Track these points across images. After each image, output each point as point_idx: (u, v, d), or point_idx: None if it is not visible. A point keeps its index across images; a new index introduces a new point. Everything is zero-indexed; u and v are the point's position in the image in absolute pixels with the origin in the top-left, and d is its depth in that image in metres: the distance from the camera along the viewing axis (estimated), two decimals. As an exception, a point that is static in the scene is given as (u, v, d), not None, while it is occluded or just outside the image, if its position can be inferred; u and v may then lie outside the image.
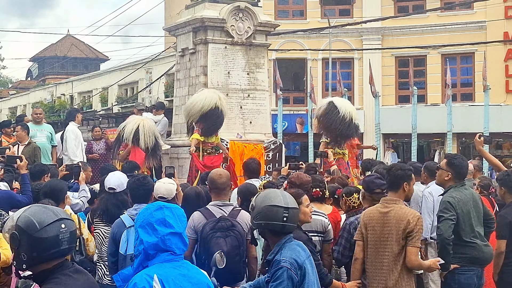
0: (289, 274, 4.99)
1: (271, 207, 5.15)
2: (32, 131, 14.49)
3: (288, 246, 5.15)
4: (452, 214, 7.62)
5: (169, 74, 32.71)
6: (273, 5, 34.14)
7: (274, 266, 5.11)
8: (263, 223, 5.18)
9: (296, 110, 34.20)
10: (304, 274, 5.06)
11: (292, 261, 5.04)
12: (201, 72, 15.68)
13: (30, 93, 58.67)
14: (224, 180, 7.42)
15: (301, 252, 5.18)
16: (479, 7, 31.09)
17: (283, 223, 5.15)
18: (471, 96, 32.18)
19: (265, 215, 5.16)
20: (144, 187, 7.31)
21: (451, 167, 8.00)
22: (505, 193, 8.54)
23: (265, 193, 5.34)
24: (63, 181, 8.48)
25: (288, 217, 5.14)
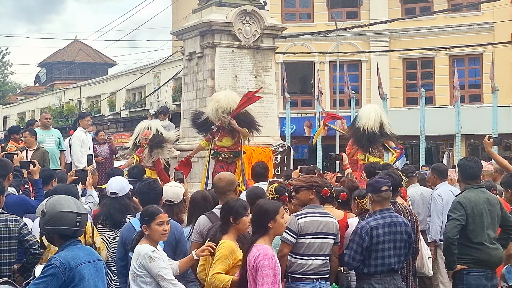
0: (55, 271, 5.07)
1: (64, 213, 5.23)
2: (40, 136, 14.53)
3: (69, 248, 5.25)
4: (460, 215, 7.63)
5: (177, 78, 32.77)
6: (280, 8, 34.14)
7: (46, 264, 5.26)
8: (56, 228, 5.24)
9: (304, 113, 34.17)
10: (74, 277, 5.11)
11: (63, 260, 5.12)
12: (208, 76, 15.67)
13: (38, 98, 58.87)
14: (223, 184, 7.46)
15: (80, 255, 5.24)
16: (486, 8, 31.02)
17: (75, 228, 5.27)
18: (479, 97, 32.11)
19: (57, 221, 5.23)
20: (154, 191, 7.31)
21: (458, 169, 8.05)
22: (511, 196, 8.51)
23: (56, 199, 5.40)
24: (74, 186, 8.47)
25: (80, 222, 5.27)
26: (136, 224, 7.07)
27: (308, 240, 7.25)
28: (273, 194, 8.03)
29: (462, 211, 7.66)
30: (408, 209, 8.51)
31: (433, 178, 10.67)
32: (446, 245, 7.73)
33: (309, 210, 7.42)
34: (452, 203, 7.95)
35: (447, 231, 7.67)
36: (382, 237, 7.23)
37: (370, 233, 7.21)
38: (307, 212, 7.40)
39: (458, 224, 7.62)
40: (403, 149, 14.29)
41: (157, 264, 6.41)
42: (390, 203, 7.59)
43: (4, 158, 9.74)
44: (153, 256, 6.43)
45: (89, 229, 7.50)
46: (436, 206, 10.14)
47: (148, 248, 6.48)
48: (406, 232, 7.38)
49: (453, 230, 7.61)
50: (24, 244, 7.18)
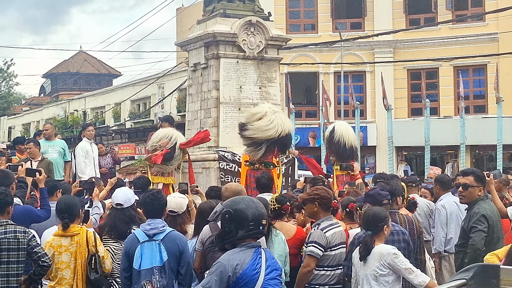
0: None
1: None
2: (43, 147, 14.55)
3: None
4: (485, 226, 7.76)
5: (181, 89, 32.81)
6: (285, 19, 34.21)
7: None
8: None
9: (308, 123, 34.20)
10: None
11: None
12: (213, 86, 15.68)
13: (43, 109, 59.01)
14: (228, 194, 7.46)
15: None
16: (491, 19, 31.05)
17: None
18: (484, 108, 32.09)
19: None
20: (158, 202, 7.30)
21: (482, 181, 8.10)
22: None
23: None
24: (76, 197, 8.47)
25: None
26: (140, 235, 7.06)
27: (334, 252, 7.44)
28: (274, 204, 8.07)
29: (486, 223, 7.84)
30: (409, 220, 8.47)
31: (437, 189, 10.66)
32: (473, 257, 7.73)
33: (329, 222, 7.57)
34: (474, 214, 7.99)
35: (475, 242, 7.77)
36: None
37: None
38: (328, 224, 7.52)
39: (484, 235, 7.74)
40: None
41: (401, 258, 6.78)
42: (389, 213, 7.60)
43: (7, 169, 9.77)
44: (396, 252, 6.83)
45: (91, 239, 7.51)
46: (440, 217, 10.11)
47: (390, 247, 6.90)
48: (404, 240, 7.42)
49: (481, 241, 7.77)
50: (33, 256, 7.20)
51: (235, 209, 5.31)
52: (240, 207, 5.33)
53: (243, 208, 5.32)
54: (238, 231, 5.29)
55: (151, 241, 6.97)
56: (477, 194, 8.15)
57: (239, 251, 5.25)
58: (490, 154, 31.02)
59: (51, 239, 7.57)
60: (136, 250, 6.95)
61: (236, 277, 5.13)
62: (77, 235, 7.50)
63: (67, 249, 7.47)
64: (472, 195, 8.22)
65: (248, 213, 5.31)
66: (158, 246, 6.97)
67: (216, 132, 15.35)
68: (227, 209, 5.33)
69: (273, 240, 7.66)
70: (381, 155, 32.70)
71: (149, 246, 6.96)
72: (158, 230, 7.01)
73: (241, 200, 5.47)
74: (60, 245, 7.48)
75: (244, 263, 5.17)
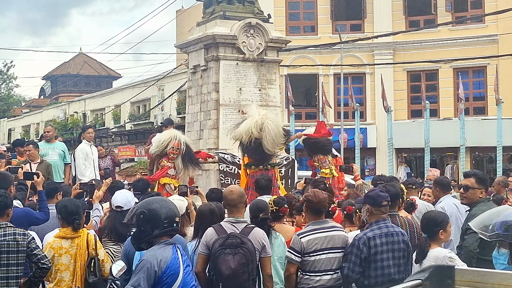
0: None
1: None
2: (44, 149, 14.55)
3: None
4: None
5: (181, 91, 32.82)
6: (284, 21, 34.22)
7: None
8: None
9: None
10: None
11: None
12: (213, 88, 15.68)
13: (43, 111, 59.00)
14: (234, 197, 7.42)
15: None
16: (490, 20, 31.05)
17: None
18: (483, 109, 32.09)
19: None
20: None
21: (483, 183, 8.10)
22: None
23: None
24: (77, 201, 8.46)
25: None
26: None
27: (313, 257, 7.31)
28: (272, 206, 8.08)
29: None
30: (410, 222, 8.46)
31: (436, 191, 10.65)
32: (466, 258, 7.71)
33: (312, 227, 7.46)
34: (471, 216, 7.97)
35: (468, 244, 7.74)
36: (380, 247, 7.19)
37: (368, 244, 7.18)
38: (310, 229, 7.44)
39: (478, 238, 7.64)
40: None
41: (457, 262, 6.79)
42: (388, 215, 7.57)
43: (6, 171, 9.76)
44: (452, 256, 6.91)
45: (92, 242, 7.51)
46: (439, 219, 10.10)
47: (446, 250, 7.03)
48: (404, 241, 7.33)
49: (474, 244, 7.71)
50: (32, 258, 7.21)
51: (149, 209, 5.60)
52: (154, 207, 5.62)
53: (157, 208, 5.62)
54: (154, 230, 5.58)
55: (150, 244, 6.96)
56: (478, 196, 8.15)
57: (159, 248, 5.53)
58: (490, 155, 31.02)
59: (51, 241, 7.58)
60: (135, 252, 6.94)
61: (162, 271, 5.43)
62: (78, 237, 7.51)
63: (68, 251, 7.47)
64: (473, 196, 8.23)
65: (161, 212, 5.60)
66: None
67: (216, 134, 15.35)
68: (142, 210, 5.60)
69: (273, 243, 7.67)
70: (381, 157, 32.70)
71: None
72: (156, 232, 7.00)
73: (154, 201, 5.77)
74: (61, 247, 7.49)
75: (167, 258, 5.48)
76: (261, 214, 7.71)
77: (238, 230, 7.16)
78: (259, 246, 7.10)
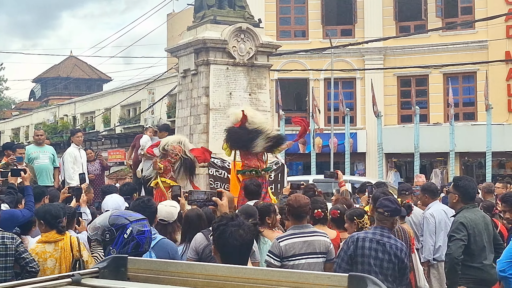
0: None
1: None
2: (34, 152, 14.51)
3: None
4: (464, 235, 7.66)
5: (172, 95, 32.78)
6: (275, 25, 34.23)
7: None
8: None
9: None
10: None
11: None
12: (203, 93, 15.69)
13: (33, 114, 58.82)
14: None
15: None
16: (480, 26, 31.14)
17: None
18: (473, 115, 32.19)
19: None
20: (149, 209, 7.27)
21: (457, 189, 8.06)
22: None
23: None
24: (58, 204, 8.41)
25: None
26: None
27: (292, 262, 7.27)
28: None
29: (465, 231, 7.69)
30: (402, 229, 8.50)
31: (424, 198, 10.67)
32: (451, 266, 7.69)
33: (292, 231, 7.45)
34: (454, 223, 7.94)
35: (451, 251, 7.66)
36: (367, 250, 7.13)
37: (356, 243, 7.16)
38: (289, 234, 7.43)
39: (462, 244, 7.64)
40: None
41: None
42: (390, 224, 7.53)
43: None
44: None
45: (75, 243, 7.48)
46: (428, 226, 10.12)
47: None
48: (396, 255, 7.13)
49: (457, 250, 7.62)
50: (20, 261, 7.18)
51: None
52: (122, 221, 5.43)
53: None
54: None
55: (142, 249, 6.94)
56: (453, 201, 8.16)
57: None
58: (479, 161, 31.12)
59: (34, 246, 7.56)
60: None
61: None
62: (61, 240, 7.48)
63: (52, 255, 7.45)
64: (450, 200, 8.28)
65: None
66: (149, 254, 6.93)
67: (206, 139, 15.35)
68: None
69: (261, 248, 7.67)
70: (370, 162, 32.74)
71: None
72: (149, 238, 6.99)
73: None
74: (45, 251, 7.46)
75: None
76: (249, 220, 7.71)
77: (228, 236, 7.14)
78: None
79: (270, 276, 3.50)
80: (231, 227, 4.86)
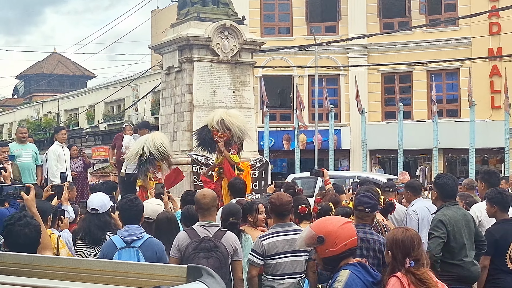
0: None
1: None
2: (17, 150, 14.40)
3: None
4: (442, 232, 7.68)
5: (156, 92, 32.74)
6: (259, 22, 34.22)
7: None
8: None
9: (283, 127, 34.23)
10: None
11: None
12: (186, 90, 15.67)
13: (16, 111, 58.56)
14: (207, 201, 7.40)
15: None
16: (464, 24, 31.27)
17: None
18: (456, 112, 32.31)
19: None
20: (136, 208, 7.25)
21: (436, 186, 8.10)
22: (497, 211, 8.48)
23: None
24: (47, 202, 8.39)
25: None
26: (117, 241, 7.00)
27: (275, 260, 7.29)
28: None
29: (444, 229, 7.70)
30: (386, 226, 8.52)
31: (408, 194, 10.69)
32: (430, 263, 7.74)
33: (274, 230, 7.46)
34: (433, 221, 7.97)
35: (430, 249, 7.67)
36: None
37: None
38: (272, 232, 7.44)
39: (441, 241, 7.66)
40: None
41: None
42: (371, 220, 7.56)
43: None
44: None
45: (54, 241, 7.43)
46: (411, 223, 10.12)
47: None
48: (380, 251, 7.21)
49: (436, 248, 7.64)
50: None
51: None
52: None
53: None
54: None
55: (129, 248, 6.92)
56: (433, 198, 8.20)
57: None
58: (462, 157, 31.25)
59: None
60: (113, 256, 6.88)
61: None
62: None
63: (31, 251, 7.42)
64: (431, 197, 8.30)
65: None
66: (136, 252, 6.92)
67: (190, 136, 15.32)
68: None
69: (244, 245, 7.67)
70: (355, 158, 32.82)
71: (127, 253, 6.90)
72: (136, 236, 6.96)
73: None
74: (26, 246, 7.43)
75: None
76: (231, 218, 7.71)
77: (211, 234, 7.14)
78: (231, 250, 7.10)
79: (120, 268, 3.97)
80: (18, 226, 5.32)
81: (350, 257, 5.19)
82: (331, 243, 5.10)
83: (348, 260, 5.16)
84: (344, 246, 5.12)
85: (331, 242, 5.10)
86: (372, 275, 5.18)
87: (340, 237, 5.12)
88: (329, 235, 5.10)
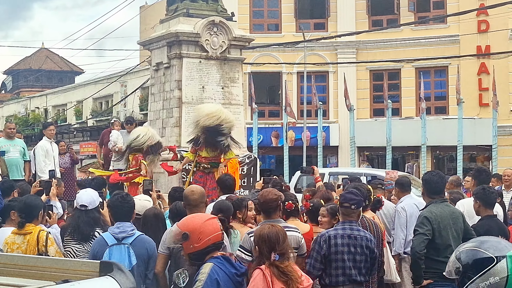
0: None
1: None
2: (5, 146, 14.36)
3: None
4: (427, 229, 7.70)
5: (144, 88, 32.68)
6: (248, 18, 34.21)
7: None
8: None
9: (272, 123, 34.23)
10: None
11: None
12: (175, 86, 15.65)
13: (4, 106, 58.36)
14: (196, 197, 7.39)
15: None
16: (452, 21, 31.35)
17: None
18: (445, 109, 32.40)
19: None
20: (128, 204, 7.23)
21: (423, 183, 8.14)
22: (480, 207, 8.55)
23: None
24: (38, 198, 8.36)
25: None
26: (108, 238, 6.98)
27: None
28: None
29: (429, 226, 7.72)
30: (374, 223, 8.54)
31: (396, 191, 10.73)
32: (413, 260, 7.77)
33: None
34: (419, 217, 8.01)
35: (414, 245, 7.71)
36: (340, 247, 7.21)
37: (328, 242, 7.21)
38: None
39: (425, 238, 7.68)
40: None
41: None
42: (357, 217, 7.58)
43: None
44: None
45: (43, 238, 7.42)
46: (399, 219, 10.17)
47: None
48: (367, 247, 7.30)
49: (420, 245, 7.67)
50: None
51: None
52: None
53: None
54: None
55: (120, 245, 6.90)
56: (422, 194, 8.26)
57: None
58: (450, 154, 31.33)
59: (8, 236, 7.52)
60: (104, 253, 6.85)
61: None
62: (30, 233, 7.44)
63: (19, 247, 7.40)
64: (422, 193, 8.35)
65: None
66: (127, 249, 6.90)
67: (178, 132, 15.32)
68: None
69: (232, 241, 7.66)
70: (343, 155, 32.86)
71: (118, 250, 6.88)
72: (127, 233, 6.94)
73: None
74: (14, 242, 7.41)
75: None
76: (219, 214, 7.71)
77: (199, 230, 7.13)
78: (220, 246, 7.10)
79: (39, 263, 4.22)
80: None
81: (216, 251, 5.49)
82: (196, 238, 5.40)
83: (213, 254, 5.45)
84: (208, 241, 5.43)
85: (195, 238, 5.40)
86: (235, 266, 5.52)
87: (204, 232, 5.44)
88: (193, 232, 5.42)
